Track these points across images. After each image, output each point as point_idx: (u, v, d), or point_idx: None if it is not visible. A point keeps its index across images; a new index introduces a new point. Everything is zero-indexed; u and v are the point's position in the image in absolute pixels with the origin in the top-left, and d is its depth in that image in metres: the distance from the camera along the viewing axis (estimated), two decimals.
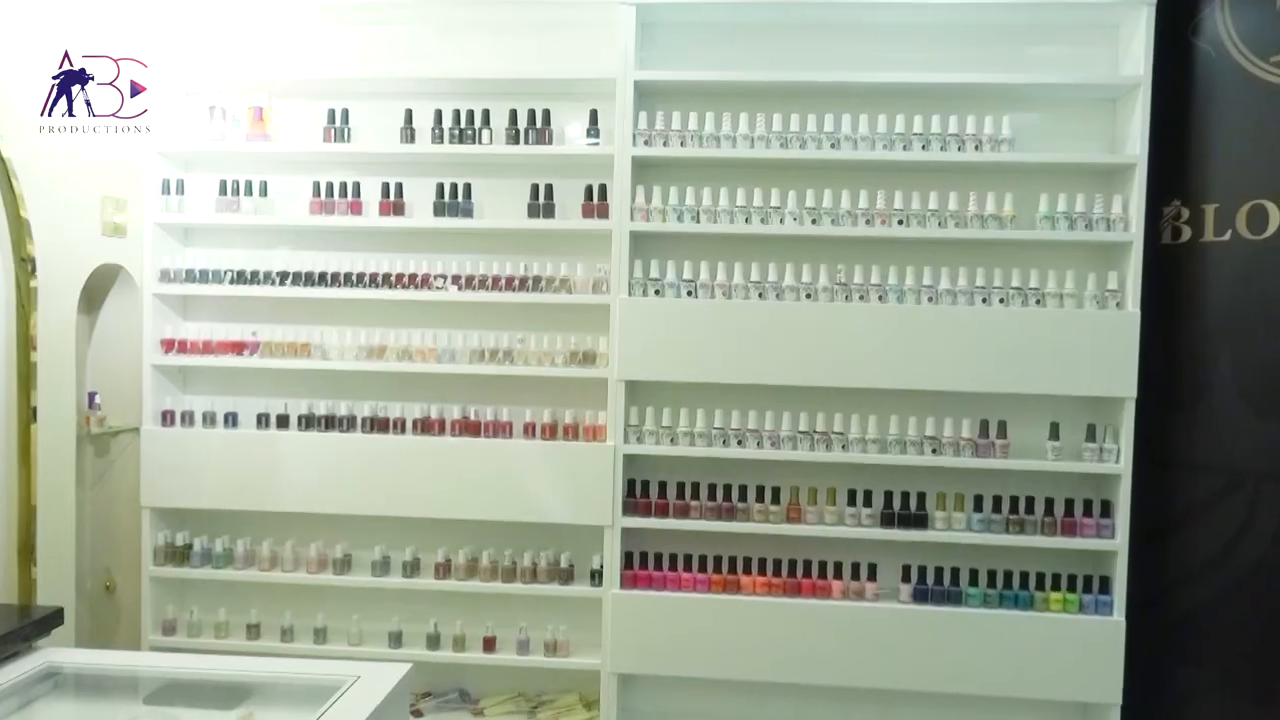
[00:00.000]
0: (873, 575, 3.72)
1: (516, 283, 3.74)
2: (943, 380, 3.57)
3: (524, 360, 3.76)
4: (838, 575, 3.71)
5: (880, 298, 3.61)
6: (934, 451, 3.62)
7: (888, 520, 3.67)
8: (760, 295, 3.65)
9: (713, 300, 3.65)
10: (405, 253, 3.89)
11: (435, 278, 3.78)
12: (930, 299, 3.61)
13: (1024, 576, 3.66)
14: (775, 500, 3.72)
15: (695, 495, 3.73)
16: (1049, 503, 3.69)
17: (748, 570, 3.73)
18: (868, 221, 3.61)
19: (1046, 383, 3.55)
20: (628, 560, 3.77)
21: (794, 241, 3.72)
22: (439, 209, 3.80)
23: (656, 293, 3.68)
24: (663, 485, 3.76)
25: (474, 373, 3.78)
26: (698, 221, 3.67)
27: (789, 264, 3.68)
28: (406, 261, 3.85)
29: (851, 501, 3.72)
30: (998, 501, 3.68)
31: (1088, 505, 3.66)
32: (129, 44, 3.58)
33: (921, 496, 3.71)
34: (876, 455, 3.64)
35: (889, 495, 3.71)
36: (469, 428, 3.80)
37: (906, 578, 3.70)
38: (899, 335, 3.57)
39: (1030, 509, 3.65)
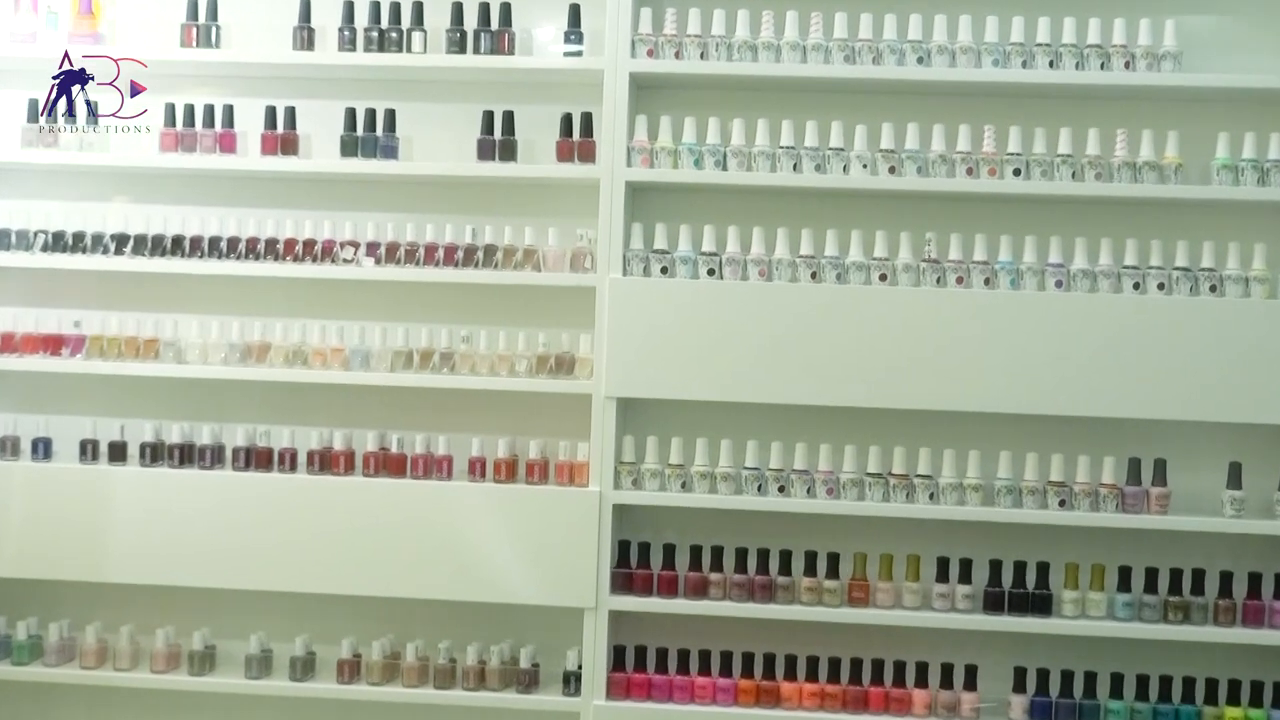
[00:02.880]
0: (972, 681, 3.30)
1: (460, 254, 3.40)
2: (1074, 401, 3.24)
3: (470, 367, 3.42)
4: (921, 681, 3.33)
5: (986, 281, 3.27)
6: (1061, 504, 3.24)
7: (994, 603, 3.29)
8: (813, 276, 3.30)
9: (745, 283, 3.33)
10: (299, 209, 3.52)
11: (342, 245, 3.42)
12: (1058, 283, 3.25)
13: (1188, 683, 3.27)
14: (832, 573, 3.35)
15: (716, 565, 3.37)
16: (1225, 578, 3.26)
17: (791, 673, 3.36)
18: (969, 171, 3.26)
19: (1223, 405, 3.20)
20: (618, 658, 3.39)
21: (863, 199, 3.40)
22: (349, 146, 3.45)
23: (663, 270, 3.34)
24: (669, 550, 3.39)
25: (398, 384, 3.45)
26: (723, 168, 3.34)
27: (855, 231, 3.33)
28: (301, 221, 3.46)
29: (942, 575, 3.32)
30: (1152, 576, 3.28)
31: None
32: None
33: (1043, 569, 3.31)
34: (978, 509, 3.28)
35: (996, 566, 3.32)
36: (390, 463, 3.45)
37: (1021, 685, 3.29)
38: (1012, 335, 3.24)
39: (1198, 587, 3.26)
